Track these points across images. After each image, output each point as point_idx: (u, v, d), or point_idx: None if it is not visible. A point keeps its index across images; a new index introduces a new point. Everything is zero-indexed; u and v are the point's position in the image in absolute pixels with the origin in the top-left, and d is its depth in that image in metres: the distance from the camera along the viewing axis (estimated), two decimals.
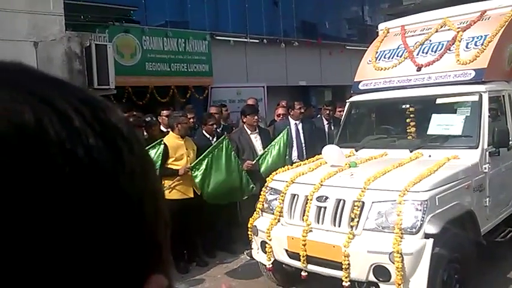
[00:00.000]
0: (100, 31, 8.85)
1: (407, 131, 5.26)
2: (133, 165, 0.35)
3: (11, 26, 5.76)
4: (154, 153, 5.16)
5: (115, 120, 0.36)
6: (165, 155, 5.25)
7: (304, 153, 6.28)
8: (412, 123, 5.22)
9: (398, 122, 5.48)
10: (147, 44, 9.70)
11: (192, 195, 5.35)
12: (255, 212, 4.76)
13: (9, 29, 5.75)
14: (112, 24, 9.10)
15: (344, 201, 4.01)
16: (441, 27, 5.50)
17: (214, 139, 5.91)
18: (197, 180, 5.29)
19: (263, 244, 4.50)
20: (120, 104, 8.37)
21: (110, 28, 9.07)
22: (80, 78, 6.31)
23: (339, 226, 3.96)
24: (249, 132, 5.94)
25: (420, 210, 3.62)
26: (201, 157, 5.33)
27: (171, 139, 5.42)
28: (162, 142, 5.28)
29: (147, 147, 4.69)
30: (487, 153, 4.50)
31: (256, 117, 6.13)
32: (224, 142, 5.46)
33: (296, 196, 4.37)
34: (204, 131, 6.00)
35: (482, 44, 5.06)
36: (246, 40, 11.96)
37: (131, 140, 0.36)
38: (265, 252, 4.47)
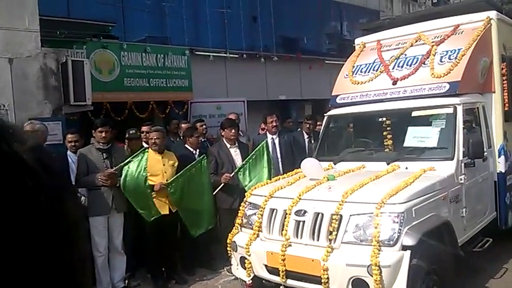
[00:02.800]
0: (78, 47, 8.76)
1: (385, 143, 5.31)
2: (39, 193, 0.33)
3: None
4: (138, 161, 5.11)
5: (20, 151, 0.34)
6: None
7: (281, 167, 6.26)
8: (389, 136, 5.27)
9: (375, 135, 5.53)
10: (125, 60, 9.63)
11: (167, 212, 5.31)
12: (234, 227, 4.73)
13: None
14: (90, 40, 9.03)
15: (322, 214, 4.00)
16: (416, 41, 5.60)
17: (197, 152, 5.90)
18: (173, 197, 5.26)
19: (242, 260, 4.46)
20: (97, 119, 8.30)
21: (87, 44, 8.98)
22: (56, 94, 6.25)
23: (318, 240, 3.94)
24: (228, 146, 5.92)
25: (397, 222, 3.63)
26: (178, 175, 5.32)
27: (150, 155, 5.37)
28: (146, 150, 5.23)
29: (131, 157, 4.65)
30: (463, 164, 4.56)
31: (233, 130, 6.09)
32: (203, 162, 5.48)
33: (275, 211, 4.35)
34: (186, 145, 5.97)
35: (456, 58, 5.15)
36: (225, 55, 12.01)
37: (36, 170, 0.34)
38: (245, 268, 4.42)
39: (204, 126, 7.30)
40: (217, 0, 12.03)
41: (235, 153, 5.89)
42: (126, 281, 5.43)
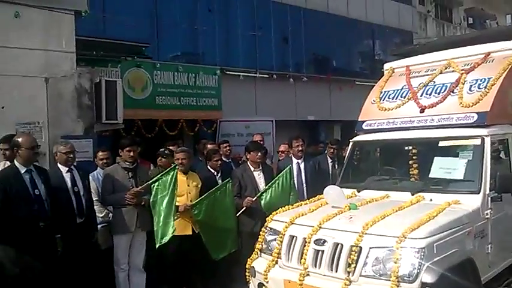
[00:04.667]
0: (112, 66, 9.07)
1: (410, 173, 5.22)
2: None
3: (25, 63, 5.96)
4: (170, 178, 5.17)
5: None
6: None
7: (305, 193, 6.24)
8: (415, 165, 5.19)
9: (401, 164, 5.45)
10: (158, 78, 9.89)
11: (190, 233, 5.36)
12: (254, 252, 4.73)
13: (24, 65, 5.95)
14: (124, 59, 9.32)
15: (342, 245, 3.95)
16: (445, 68, 5.52)
17: (219, 174, 5.96)
18: (197, 218, 5.32)
19: (260, 286, 4.44)
20: (128, 136, 8.51)
21: (122, 63, 9.28)
22: (89, 113, 6.46)
23: (336, 271, 3.90)
24: (252, 169, 5.95)
25: (417, 257, 3.55)
26: (203, 197, 5.38)
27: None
28: (177, 167, 5.30)
29: (160, 174, 4.70)
30: (489, 198, 4.43)
31: (259, 154, 6.13)
32: (228, 185, 5.53)
33: (295, 238, 4.32)
34: (208, 166, 6.04)
35: (485, 87, 5.03)
36: (255, 75, 12.14)
37: None
38: None
39: (227, 148, 7.34)
40: (249, 22, 12.22)
41: (259, 176, 5.92)
42: None
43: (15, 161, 4.47)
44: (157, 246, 5.16)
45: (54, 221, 4.55)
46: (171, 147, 6.32)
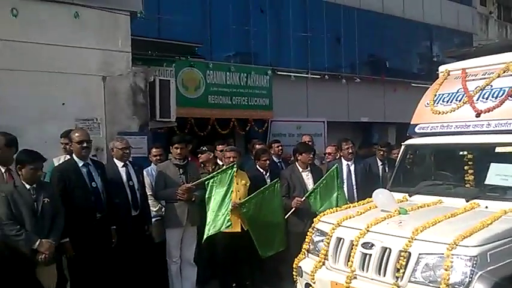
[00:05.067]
0: (167, 65, 9.35)
1: (465, 178, 5.03)
2: None
3: (84, 62, 6.26)
4: (228, 175, 5.26)
5: None
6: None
7: (355, 195, 6.16)
8: (470, 171, 4.99)
9: (455, 169, 5.26)
10: (210, 78, 10.10)
11: (239, 230, 5.43)
12: (301, 252, 4.73)
13: (82, 64, 6.25)
14: (178, 59, 9.57)
15: (390, 250, 3.88)
16: (504, 72, 5.27)
17: (268, 174, 6.00)
18: (246, 216, 5.38)
19: (307, 286, 4.44)
20: (181, 134, 8.74)
21: (176, 62, 9.55)
22: (143, 110, 6.69)
23: (384, 276, 3.83)
24: (300, 169, 5.95)
25: (469, 266, 3.43)
26: (251, 196, 5.43)
27: None
28: (234, 167, 5.36)
29: (216, 172, 4.79)
30: None
31: (311, 155, 6.13)
32: (276, 185, 5.55)
33: (342, 240, 4.29)
34: (257, 166, 6.08)
35: None
36: (307, 75, 12.10)
37: None
38: None
39: (280, 147, 7.34)
40: (301, 22, 12.21)
41: (307, 177, 5.90)
42: None
43: (73, 155, 4.71)
44: (204, 238, 5.22)
45: (110, 212, 4.76)
46: (220, 147, 6.43)
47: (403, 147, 5.81)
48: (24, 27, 5.87)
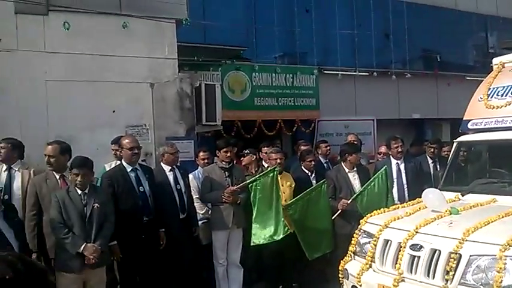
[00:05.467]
0: (214, 69, 9.52)
1: None
2: None
3: (132, 70, 6.47)
4: (270, 179, 5.29)
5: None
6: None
7: (406, 195, 5.98)
8: None
9: (511, 166, 4.99)
10: (256, 80, 10.16)
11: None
12: (347, 255, 4.65)
13: (131, 72, 6.46)
14: (224, 62, 9.70)
15: (440, 251, 3.74)
16: None
17: (313, 174, 5.95)
18: (292, 218, 5.36)
19: None
20: (228, 137, 8.84)
21: (222, 66, 9.69)
22: (190, 115, 6.83)
23: (433, 278, 3.70)
24: (347, 170, 5.85)
25: None
26: (298, 197, 5.40)
27: None
28: (276, 169, 5.39)
29: (258, 175, 4.82)
30: None
31: (359, 155, 6.03)
32: (323, 187, 5.49)
33: (389, 242, 4.18)
34: (302, 167, 6.05)
35: None
36: (355, 73, 11.89)
37: None
38: None
39: (327, 147, 7.26)
40: (348, 19, 12.00)
41: (354, 177, 5.80)
42: None
43: (123, 161, 4.88)
44: (252, 244, 5.27)
45: (158, 216, 4.90)
46: (265, 148, 6.44)
47: (455, 144, 5.59)
48: (75, 40, 6.16)
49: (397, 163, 6.29)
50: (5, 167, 4.81)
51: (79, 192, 4.18)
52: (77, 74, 6.11)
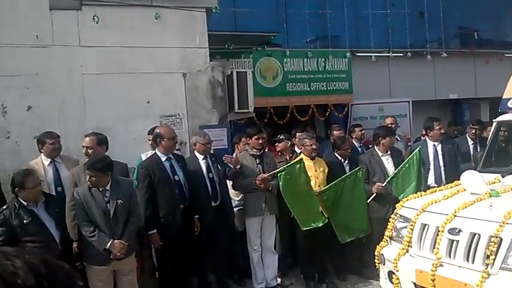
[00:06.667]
0: (245, 56, 9.50)
1: None
2: None
3: (165, 60, 6.53)
4: (297, 170, 5.30)
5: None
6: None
7: (443, 177, 5.85)
8: None
9: None
10: (288, 66, 10.07)
11: None
12: (383, 239, 4.61)
13: (163, 63, 6.52)
14: (255, 49, 9.66)
15: (479, 235, 3.66)
16: None
17: (347, 161, 5.89)
18: (326, 204, 5.34)
19: (390, 274, 4.33)
20: (261, 124, 8.85)
21: (253, 53, 9.66)
22: (222, 103, 6.85)
23: (473, 263, 3.63)
24: (380, 154, 5.77)
25: None
26: (332, 184, 5.37)
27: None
28: (303, 161, 5.40)
29: (286, 165, 4.84)
30: None
31: (391, 139, 5.92)
32: (358, 173, 5.44)
33: (426, 226, 4.12)
34: (336, 153, 5.98)
35: None
36: (388, 55, 11.61)
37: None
38: (393, 283, 4.29)
39: (362, 131, 7.15)
40: (380, 0, 11.70)
41: (387, 161, 5.71)
42: (279, 279, 5.71)
43: (157, 150, 4.98)
44: (303, 229, 5.34)
45: (192, 203, 4.98)
46: (299, 134, 6.41)
47: (494, 124, 5.44)
48: (109, 33, 6.24)
49: (434, 145, 6.14)
50: (48, 161, 4.99)
51: (100, 189, 4.18)
52: (111, 67, 6.22)
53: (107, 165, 4.22)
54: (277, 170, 5.32)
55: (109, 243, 4.11)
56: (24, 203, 3.96)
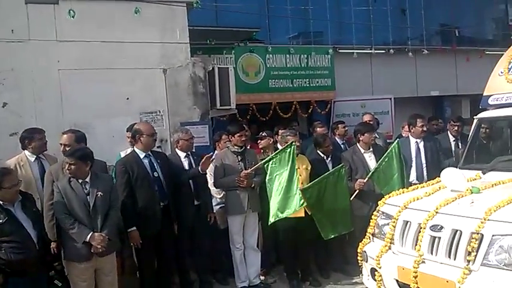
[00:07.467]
0: (227, 52, 9.42)
1: None
2: None
3: (145, 56, 6.42)
4: (288, 154, 5.22)
5: None
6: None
7: (425, 174, 5.87)
8: None
9: None
10: (270, 62, 10.04)
11: (303, 215, 5.35)
12: (365, 237, 4.60)
13: (143, 58, 6.41)
14: (237, 45, 9.59)
15: (461, 232, 3.66)
16: None
17: (329, 158, 5.87)
18: (309, 202, 5.30)
19: (373, 271, 4.32)
20: (244, 120, 8.79)
21: (235, 49, 9.58)
22: (204, 100, 6.76)
23: (454, 259, 3.62)
24: (362, 150, 5.77)
25: None
26: (315, 181, 5.33)
27: None
28: (294, 143, 5.29)
29: (275, 153, 4.74)
30: None
31: (374, 135, 5.93)
32: (341, 170, 5.41)
33: (408, 223, 4.11)
34: (318, 151, 5.94)
35: None
36: (371, 51, 11.65)
37: None
38: (375, 280, 4.28)
39: (345, 128, 7.15)
40: None
41: (370, 158, 5.71)
42: (262, 277, 5.67)
43: (135, 147, 4.89)
44: (271, 221, 5.22)
45: (173, 201, 4.90)
46: (281, 131, 6.35)
47: (475, 121, 5.46)
48: (87, 27, 6.10)
49: (416, 142, 6.16)
50: (33, 157, 4.86)
51: (80, 181, 4.13)
52: (89, 62, 6.08)
53: (86, 155, 4.18)
54: (265, 160, 5.26)
55: (89, 235, 4.02)
56: (0, 203, 3.84)
